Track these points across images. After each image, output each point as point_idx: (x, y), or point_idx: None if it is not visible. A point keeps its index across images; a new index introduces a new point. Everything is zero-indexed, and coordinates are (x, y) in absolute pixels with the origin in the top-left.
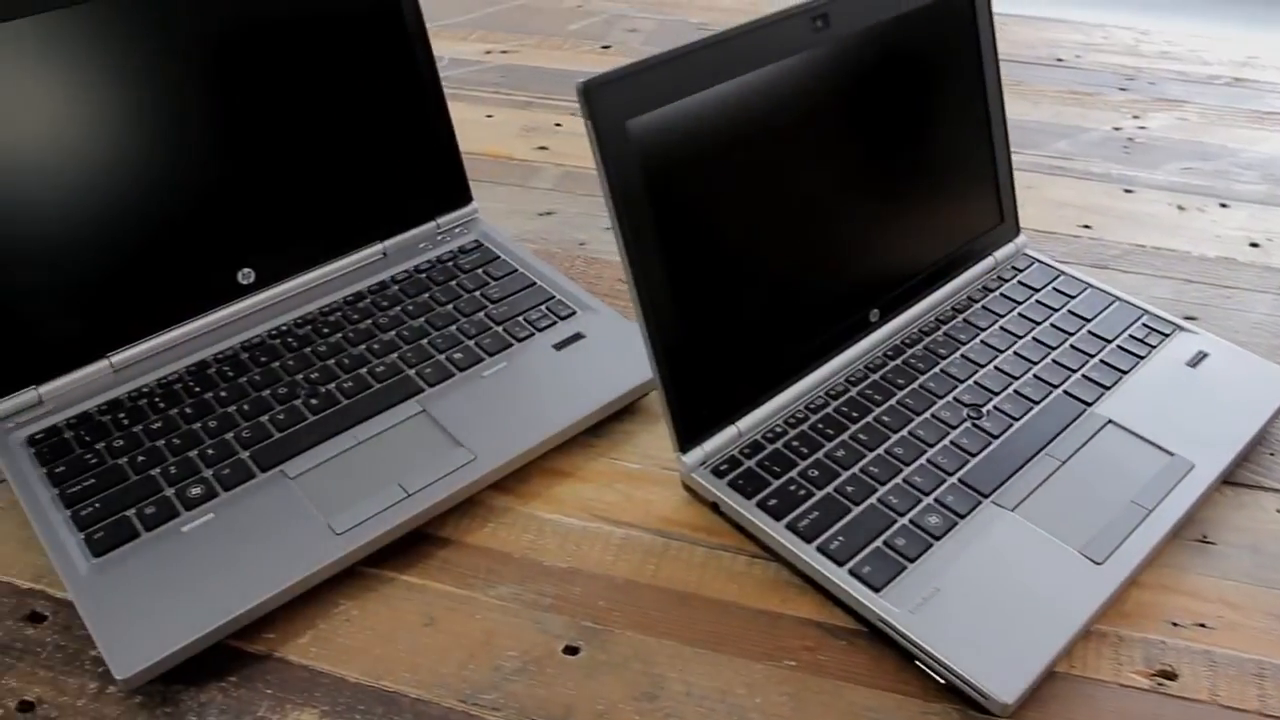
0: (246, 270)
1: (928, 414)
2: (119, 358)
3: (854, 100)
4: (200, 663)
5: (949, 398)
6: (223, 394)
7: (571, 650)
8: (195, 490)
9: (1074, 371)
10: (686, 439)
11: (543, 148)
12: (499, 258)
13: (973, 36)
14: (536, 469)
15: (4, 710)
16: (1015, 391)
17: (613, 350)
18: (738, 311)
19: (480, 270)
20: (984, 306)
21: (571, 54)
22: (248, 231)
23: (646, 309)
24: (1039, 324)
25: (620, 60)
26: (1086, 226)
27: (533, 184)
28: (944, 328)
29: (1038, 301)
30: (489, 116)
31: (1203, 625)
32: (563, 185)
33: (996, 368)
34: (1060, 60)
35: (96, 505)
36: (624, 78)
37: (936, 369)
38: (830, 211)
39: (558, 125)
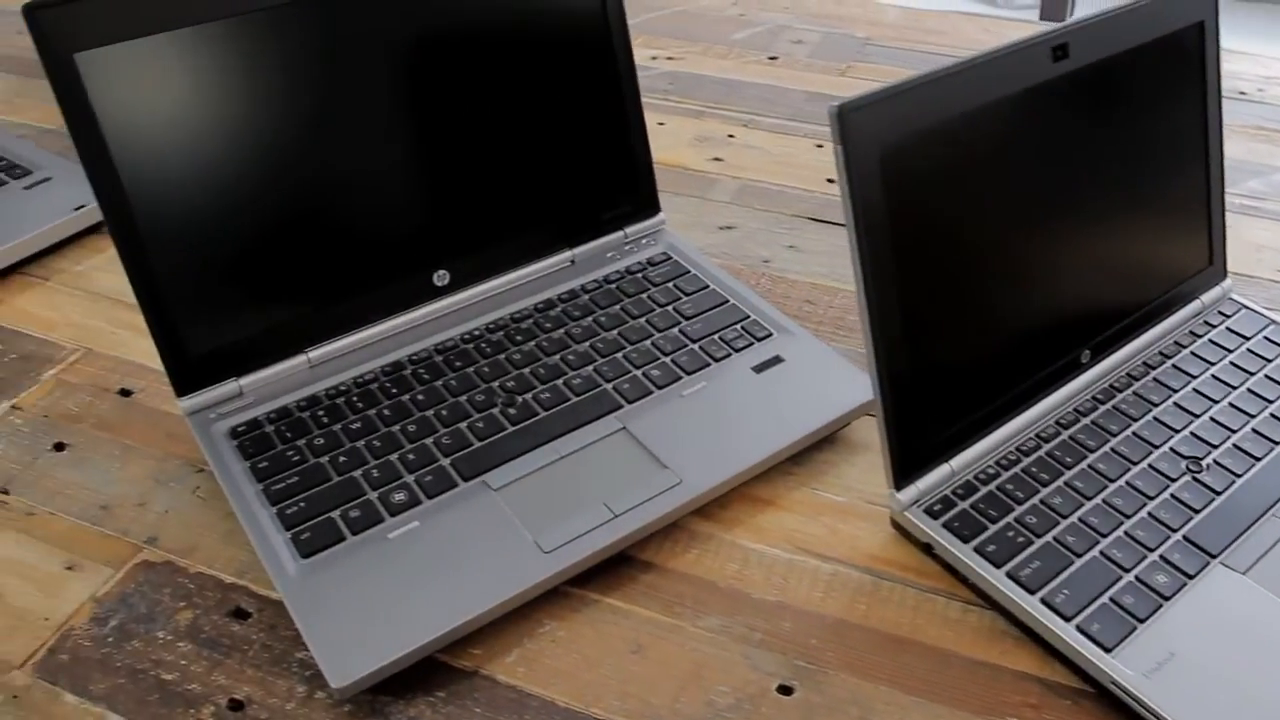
0: (442, 272)
1: (1144, 464)
2: (316, 353)
3: (1083, 133)
4: (407, 675)
5: (1165, 448)
6: (419, 397)
7: (785, 690)
8: (399, 496)
9: None
10: (902, 476)
11: (717, 159)
12: (689, 272)
13: (1199, 69)
14: (737, 495)
15: (215, 707)
16: (1235, 445)
17: (813, 376)
18: (963, 347)
19: (671, 284)
20: (1193, 353)
21: (738, 63)
22: (445, 233)
23: (877, 340)
24: (1253, 374)
25: (787, 72)
26: None
27: (711, 196)
28: (1152, 373)
29: (1249, 350)
30: (660, 124)
31: None
32: (741, 199)
33: (1212, 418)
34: (1243, 94)
35: (302, 504)
36: (877, 102)
37: (1149, 416)
38: (1053, 246)
39: (730, 137)
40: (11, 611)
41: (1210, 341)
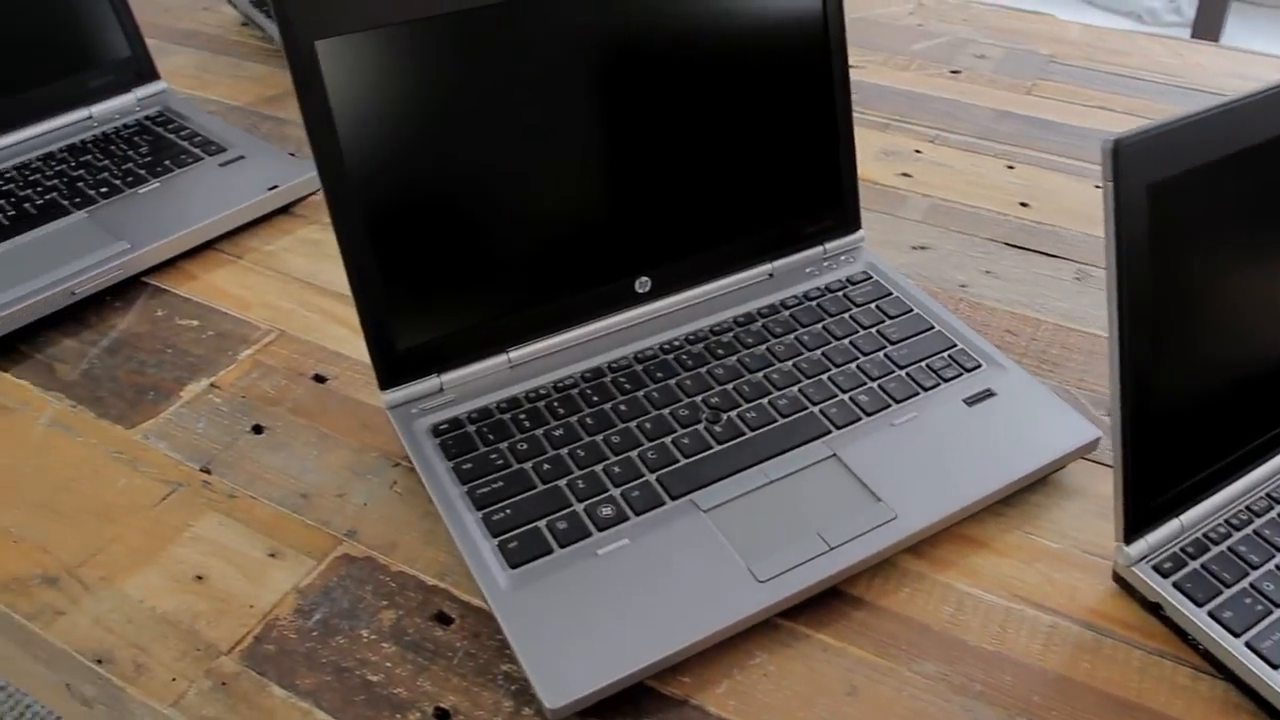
0: (644, 279)
1: None
2: (517, 354)
3: None
4: (616, 699)
5: None
6: (621, 407)
7: None
8: (606, 510)
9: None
10: (1133, 529)
11: (906, 174)
12: (891, 294)
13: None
14: (949, 534)
15: (421, 714)
16: None
17: (1027, 413)
18: (1207, 395)
19: (874, 305)
20: None
21: (919, 75)
22: (649, 239)
23: (1126, 384)
24: None
25: (971, 87)
26: None
27: (901, 214)
28: None
29: None
30: None
31: None
32: (933, 219)
33: None
34: None
35: (508, 512)
36: (1152, 139)
37: None
38: None
39: (918, 152)
40: (217, 594)
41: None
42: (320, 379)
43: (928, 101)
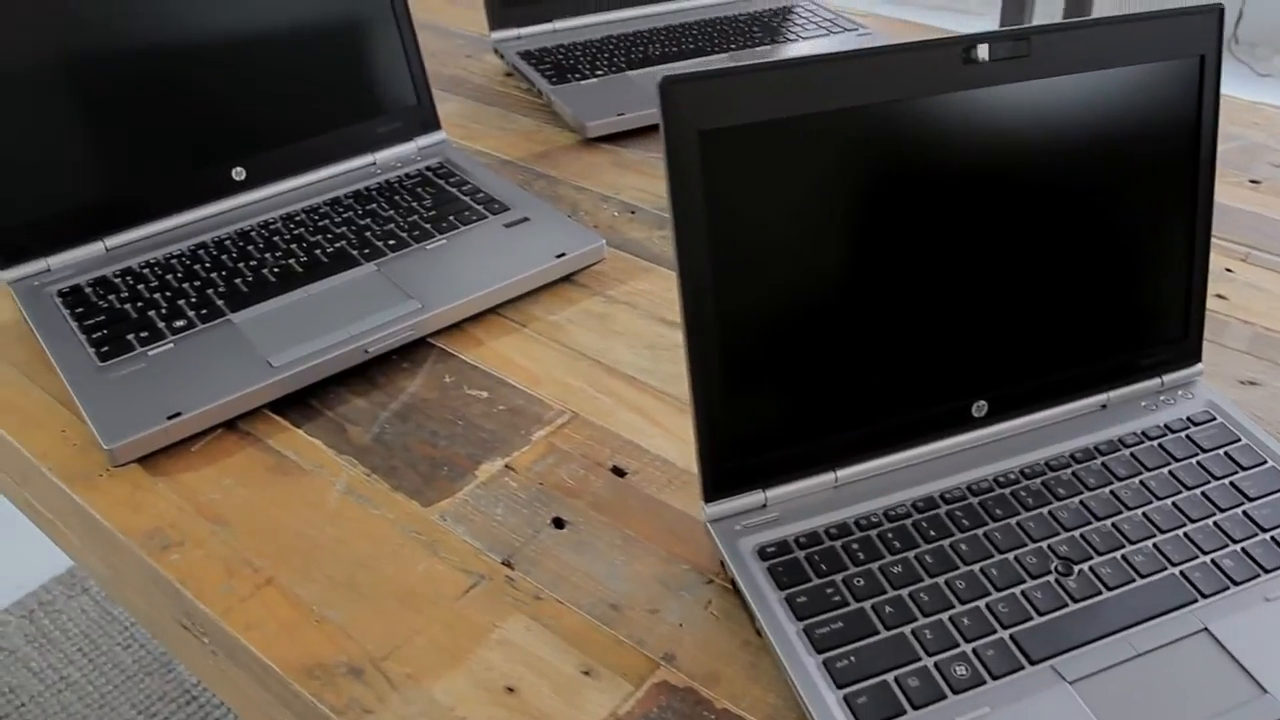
0: (981, 402)
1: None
2: (844, 473)
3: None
4: None
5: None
6: (962, 547)
7: None
8: (959, 670)
9: None
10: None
11: (1221, 296)
12: (1240, 440)
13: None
14: None
15: None
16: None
17: None
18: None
19: (1222, 452)
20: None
21: (1217, 184)
22: (988, 361)
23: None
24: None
25: (1276, 200)
26: None
27: (1223, 341)
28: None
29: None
30: None
31: None
32: (1259, 350)
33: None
34: None
35: (852, 659)
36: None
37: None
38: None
39: (1229, 271)
40: (531, 712)
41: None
42: (619, 472)
43: (1231, 214)
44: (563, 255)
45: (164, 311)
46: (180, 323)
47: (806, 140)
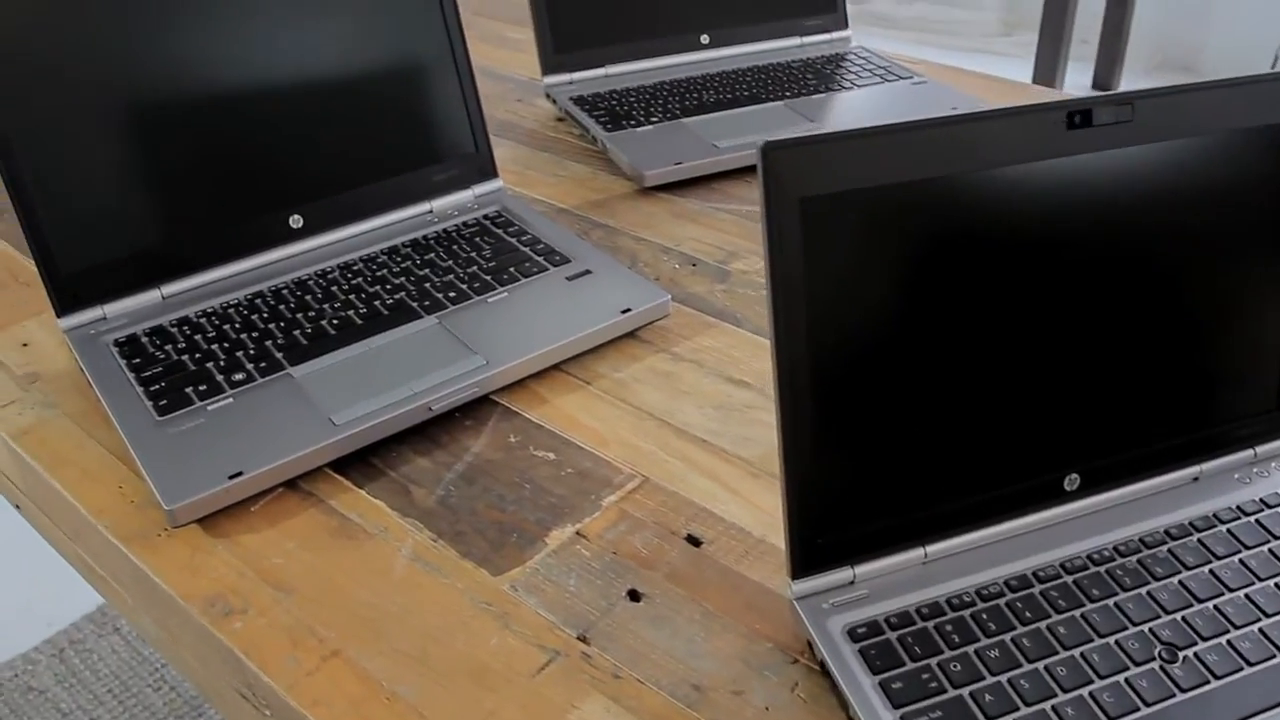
0: (1073, 476)
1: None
2: (933, 549)
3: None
4: None
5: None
6: (1060, 630)
7: None
8: None
9: None
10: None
11: None
12: None
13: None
14: None
15: None
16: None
17: None
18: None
19: None
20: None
21: None
22: (1082, 433)
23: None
24: None
25: None
26: None
27: None
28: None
29: None
30: None
31: None
32: None
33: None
34: None
35: None
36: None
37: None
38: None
39: None
40: None
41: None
42: (694, 541)
43: None
44: (628, 311)
45: (222, 364)
46: (239, 376)
47: (906, 207)
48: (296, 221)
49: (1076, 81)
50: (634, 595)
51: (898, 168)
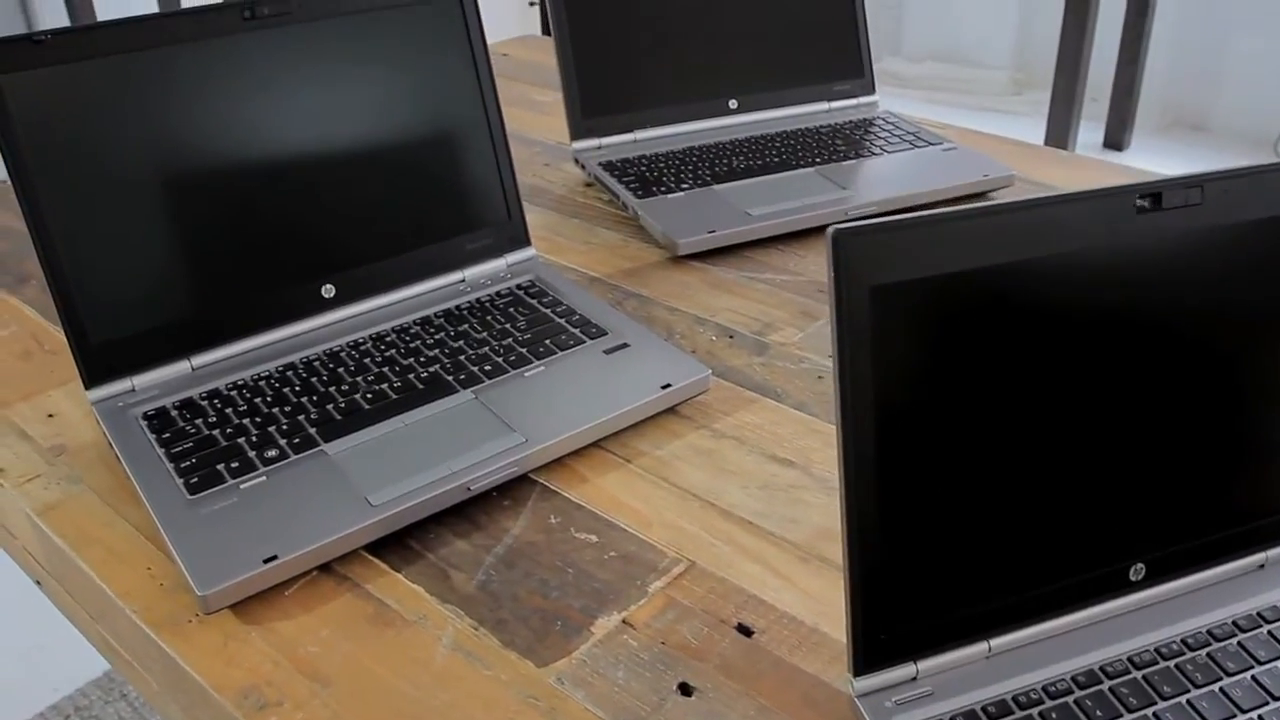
0: (1139, 565)
1: None
2: (998, 643)
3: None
4: None
5: None
6: None
7: None
8: None
9: None
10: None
11: None
12: None
13: None
14: None
15: None
16: None
17: None
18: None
19: None
20: None
21: None
22: (1147, 523)
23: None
24: None
25: None
26: None
27: None
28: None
29: None
30: None
31: None
32: None
33: None
34: None
35: None
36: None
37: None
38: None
39: None
40: None
41: None
42: (745, 630)
43: None
44: (669, 386)
45: (254, 439)
46: (272, 452)
47: (974, 294)
48: (329, 291)
49: (1087, 140)
50: (685, 689)
51: (967, 254)
